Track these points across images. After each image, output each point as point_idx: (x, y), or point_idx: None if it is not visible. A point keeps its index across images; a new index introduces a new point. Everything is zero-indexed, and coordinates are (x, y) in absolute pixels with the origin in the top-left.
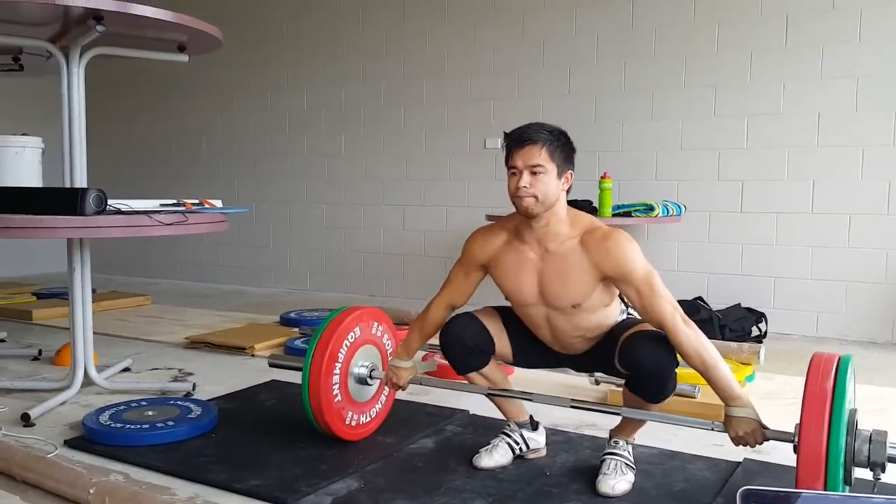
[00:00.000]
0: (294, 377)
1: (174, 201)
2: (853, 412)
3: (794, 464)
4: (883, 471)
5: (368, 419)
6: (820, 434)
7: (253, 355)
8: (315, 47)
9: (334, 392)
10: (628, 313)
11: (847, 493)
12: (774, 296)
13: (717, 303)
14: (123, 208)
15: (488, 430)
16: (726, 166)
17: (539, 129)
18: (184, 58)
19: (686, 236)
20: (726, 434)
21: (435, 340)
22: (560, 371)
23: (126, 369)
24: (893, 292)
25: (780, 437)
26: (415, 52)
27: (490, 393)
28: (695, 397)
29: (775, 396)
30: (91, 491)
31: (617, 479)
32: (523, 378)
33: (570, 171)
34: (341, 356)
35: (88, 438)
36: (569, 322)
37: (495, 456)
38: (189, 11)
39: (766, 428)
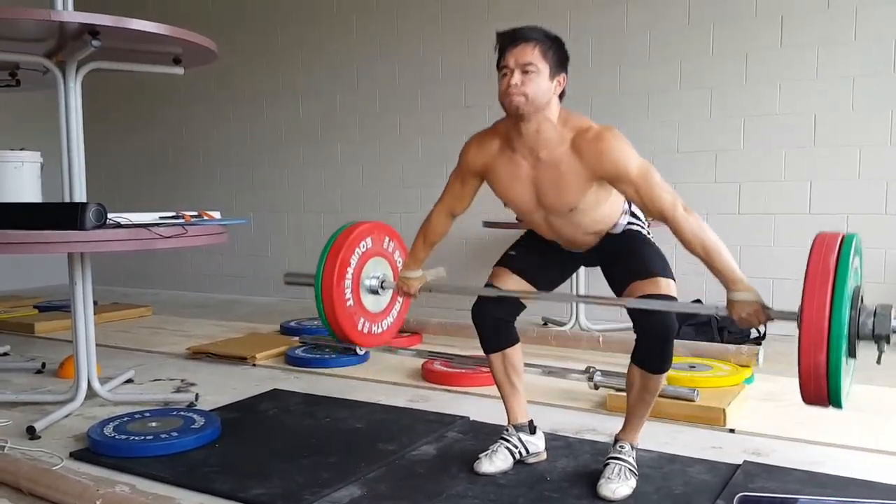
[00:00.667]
0: (294, 385)
1: (173, 214)
2: (857, 288)
3: (793, 465)
4: (888, 342)
5: (382, 329)
6: (822, 309)
7: (254, 365)
8: (309, 57)
9: (346, 297)
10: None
11: (845, 500)
12: (773, 297)
13: (715, 304)
14: (123, 222)
15: (489, 437)
16: (723, 168)
17: (533, 29)
18: (179, 70)
19: None
20: (730, 314)
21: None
22: (559, 377)
23: (129, 381)
24: (893, 291)
25: (783, 316)
26: (409, 59)
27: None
28: (694, 400)
29: (775, 398)
30: (97, 502)
31: (619, 484)
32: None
33: (564, 75)
34: (352, 264)
35: (93, 450)
36: (569, 223)
37: (495, 461)
38: (183, 24)
39: (768, 308)
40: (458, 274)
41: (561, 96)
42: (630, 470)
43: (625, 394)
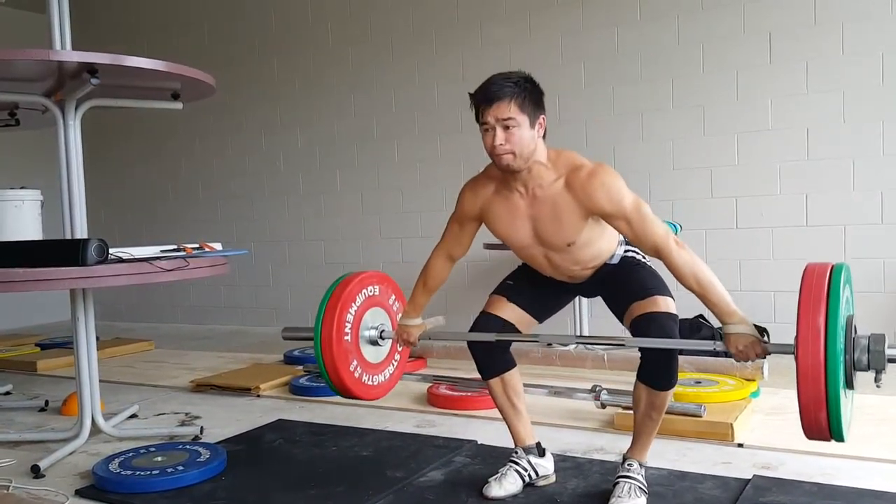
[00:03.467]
0: (299, 414)
1: (174, 247)
2: (850, 319)
3: (803, 478)
4: (884, 371)
5: (383, 379)
6: (817, 342)
7: (259, 395)
8: (306, 87)
9: (348, 357)
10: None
11: None
12: (775, 310)
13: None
14: (125, 256)
15: (497, 460)
16: (719, 184)
17: (504, 83)
18: (178, 105)
19: None
20: (731, 353)
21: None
22: (566, 397)
23: (133, 416)
24: (892, 301)
25: (779, 349)
26: (405, 87)
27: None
28: (701, 416)
29: (781, 411)
30: None
31: (629, 503)
32: (529, 404)
33: (542, 116)
34: (349, 319)
35: (99, 487)
36: (568, 258)
37: (505, 484)
38: (180, 58)
39: (764, 342)
40: (459, 295)
41: (544, 135)
42: (640, 488)
43: (632, 412)
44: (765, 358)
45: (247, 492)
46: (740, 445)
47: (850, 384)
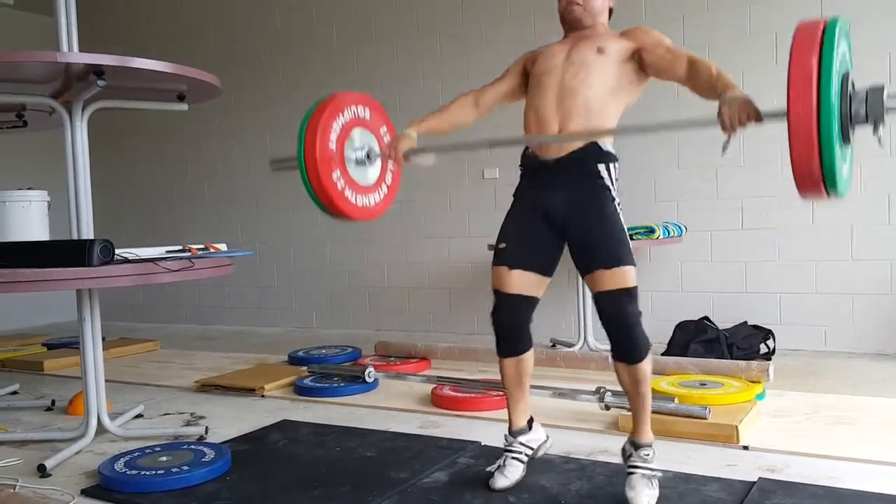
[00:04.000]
0: (303, 415)
1: (180, 247)
2: (847, 75)
3: (809, 481)
4: (883, 123)
5: (376, 200)
6: (808, 102)
7: (263, 396)
8: (310, 86)
9: (331, 165)
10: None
11: None
12: (781, 312)
13: (723, 322)
14: (130, 257)
15: None
16: (724, 185)
17: None
18: (183, 106)
19: (688, 256)
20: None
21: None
22: (570, 398)
23: (139, 415)
24: None
25: (771, 115)
26: (410, 87)
27: None
28: (706, 418)
29: (788, 413)
30: None
31: (645, 493)
32: (533, 405)
33: None
34: (334, 134)
35: (105, 487)
36: (578, 95)
37: (508, 474)
38: (186, 60)
39: (754, 105)
40: (464, 295)
41: (610, 15)
42: (651, 476)
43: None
44: (758, 121)
45: (251, 492)
46: (745, 448)
47: (846, 137)
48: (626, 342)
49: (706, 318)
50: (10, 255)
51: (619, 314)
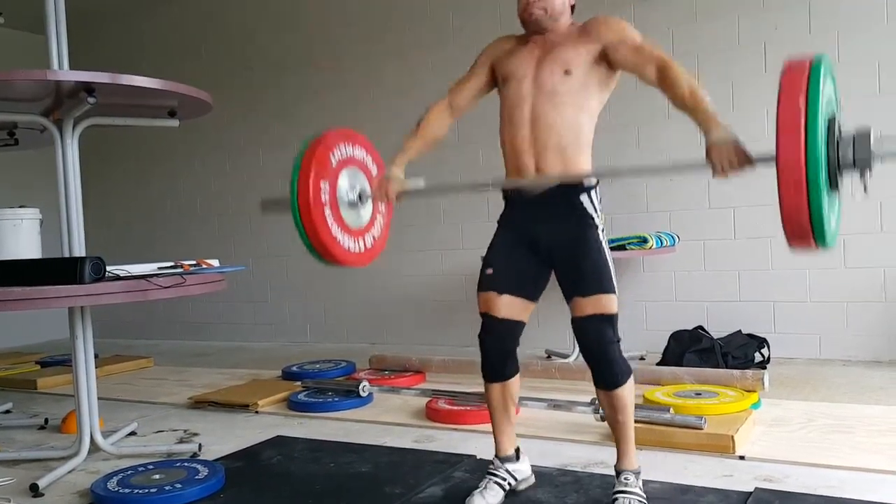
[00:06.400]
0: (297, 431)
1: (171, 263)
2: (833, 118)
3: (806, 490)
4: (870, 171)
5: (368, 244)
6: (797, 147)
7: (257, 412)
8: (299, 101)
9: (329, 224)
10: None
11: None
12: (775, 320)
13: (717, 331)
14: (122, 274)
15: None
16: (716, 194)
17: None
18: (174, 123)
19: (682, 266)
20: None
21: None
22: (565, 410)
23: (132, 433)
24: (892, 309)
25: (761, 159)
26: (400, 101)
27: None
28: (702, 428)
29: (783, 422)
30: None
31: None
32: (528, 417)
33: None
34: (325, 186)
35: None
36: (549, 112)
37: (487, 497)
38: (177, 76)
39: (744, 148)
40: (458, 307)
41: (572, 10)
42: (639, 500)
43: None
44: (750, 165)
45: None
46: (742, 458)
47: (834, 183)
48: (604, 367)
49: (700, 327)
50: (1, 274)
51: (597, 339)
